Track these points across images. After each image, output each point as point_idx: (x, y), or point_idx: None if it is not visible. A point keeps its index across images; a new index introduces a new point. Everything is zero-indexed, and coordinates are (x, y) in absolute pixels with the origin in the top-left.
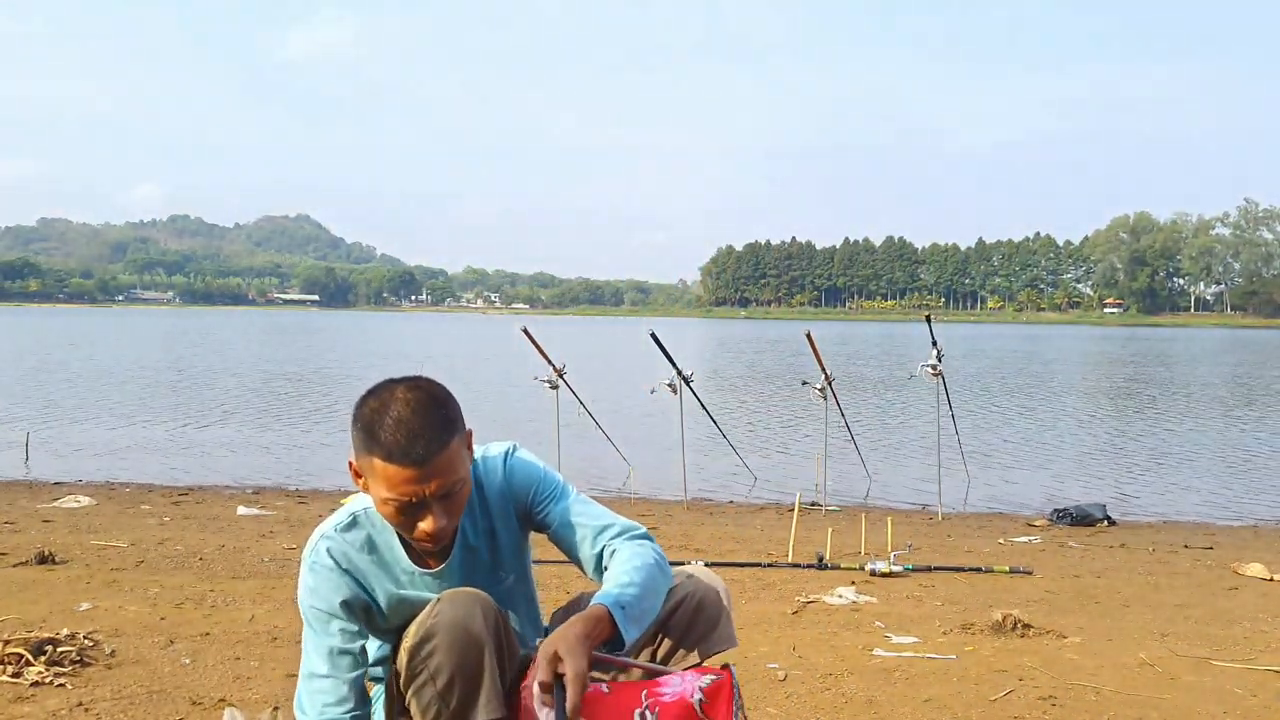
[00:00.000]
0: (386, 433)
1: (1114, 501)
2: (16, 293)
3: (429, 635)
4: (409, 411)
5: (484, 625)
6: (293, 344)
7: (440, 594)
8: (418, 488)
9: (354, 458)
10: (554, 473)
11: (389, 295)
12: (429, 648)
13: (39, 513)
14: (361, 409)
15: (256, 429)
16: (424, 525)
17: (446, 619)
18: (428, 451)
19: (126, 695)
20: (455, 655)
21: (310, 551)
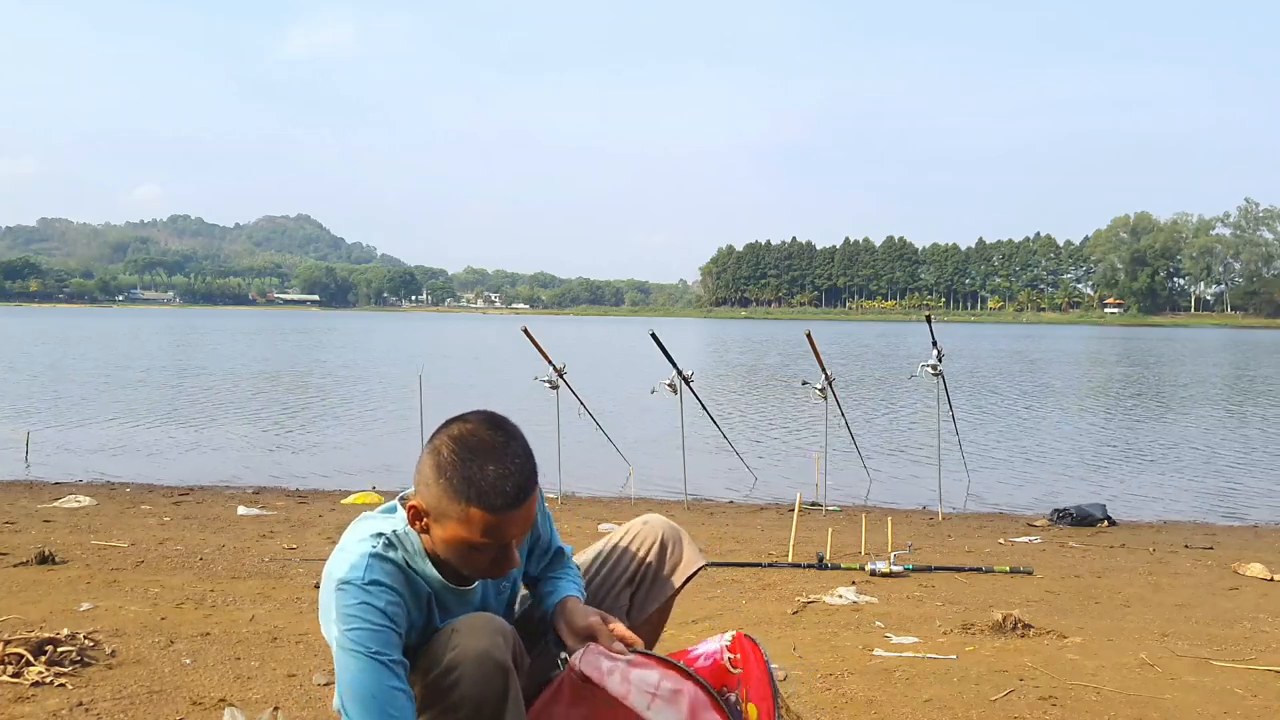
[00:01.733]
0: (488, 482)
1: (1114, 501)
2: (17, 293)
3: (452, 666)
4: (509, 461)
5: (506, 654)
6: (293, 345)
7: (456, 623)
8: (510, 530)
9: (425, 501)
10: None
11: (389, 295)
12: (452, 678)
13: (39, 513)
14: (445, 454)
15: (257, 429)
16: (507, 565)
17: (471, 650)
18: (528, 494)
19: (127, 695)
20: (479, 687)
21: (364, 570)
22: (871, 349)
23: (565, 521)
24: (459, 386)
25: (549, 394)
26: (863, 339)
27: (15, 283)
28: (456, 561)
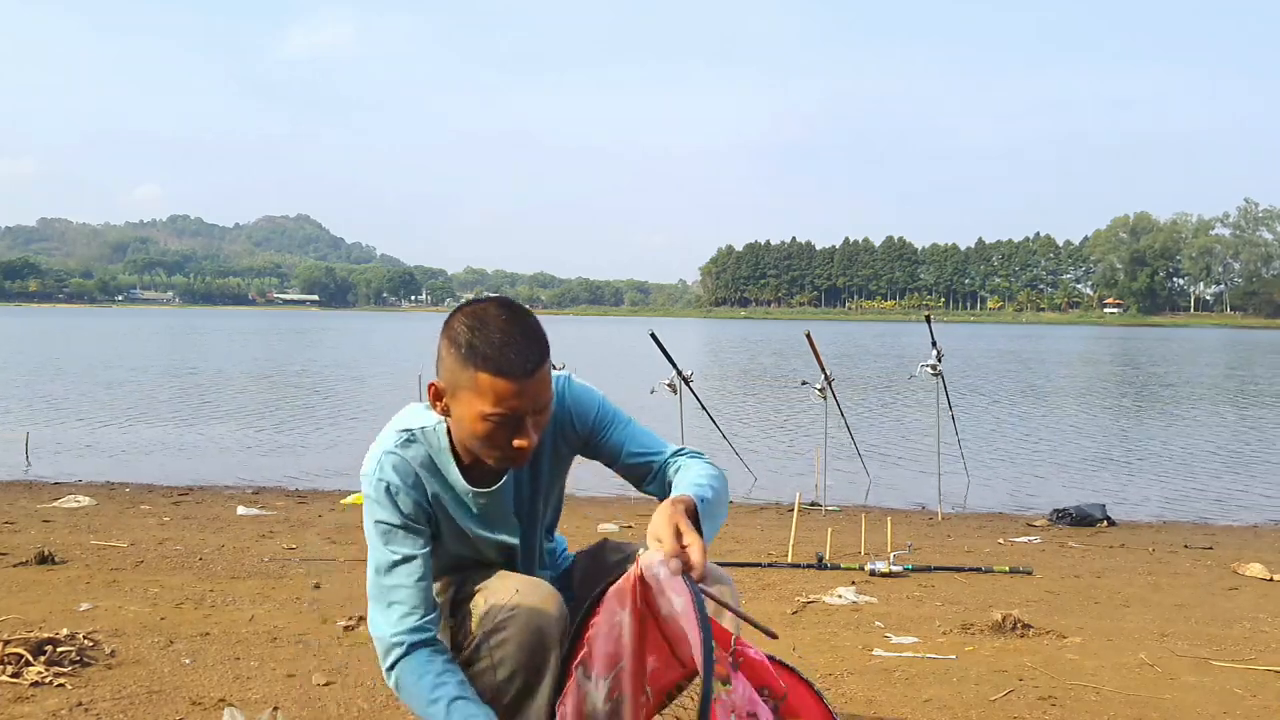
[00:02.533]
0: (493, 348)
1: (1114, 501)
2: (16, 293)
3: (502, 625)
4: (513, 327)
5: (556, 629)
6: (292, 345)
7: (521, 583)
8: (520, 402)
9: (441, 378)
10: (609, 400)
11: (389, 295)
12: (500, 638)
13: (39, 513)
14: (457, 327)
15: (256, 429)
16: (520, 441)
17: (523, 616)
18: (534, 365)
19: (126, 695)
20: (524, 654)
21: (374, 468)
22: (871, 349)
23: (565, 521)
24: None
25: None
26: (862, 339)
27: (15, 283)
28: (473, 442)
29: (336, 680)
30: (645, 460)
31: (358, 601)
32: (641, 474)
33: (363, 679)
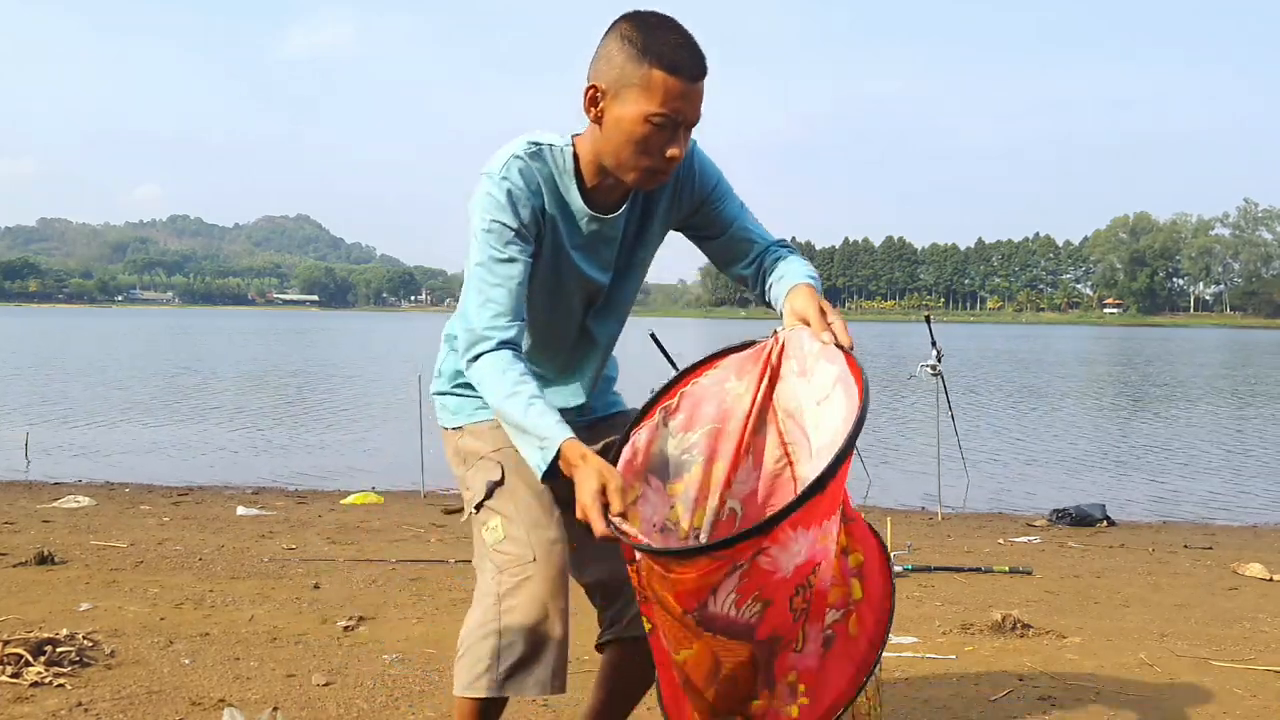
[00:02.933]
0: (669, 47)
1: (1113, 501)
2: (16, 293)
3: (515, 590)
4: (685, 33)
5: (563, 608)
6: (291, 345)
7: (538, 542)
8: (685, 105)
9: (604, 78)
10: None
11: (389, 296)
12: (510, 604)
13: (38, 513)
14: (630, 27)
15: (256, 429)
16: (673, 150)
17: (536, 586)
18: (702, 72)
19: (126, 696)
20: (529, 631)
21: (500, 168)
22: (871, 349)
23: None
24: None
25: None
26: (862, 339)
27: (14, 283)
28: (626, 149)
29: (336, 680)
30: (751, 240)
31: (357, 601)
32: (743, 253)
33: (362, 679)
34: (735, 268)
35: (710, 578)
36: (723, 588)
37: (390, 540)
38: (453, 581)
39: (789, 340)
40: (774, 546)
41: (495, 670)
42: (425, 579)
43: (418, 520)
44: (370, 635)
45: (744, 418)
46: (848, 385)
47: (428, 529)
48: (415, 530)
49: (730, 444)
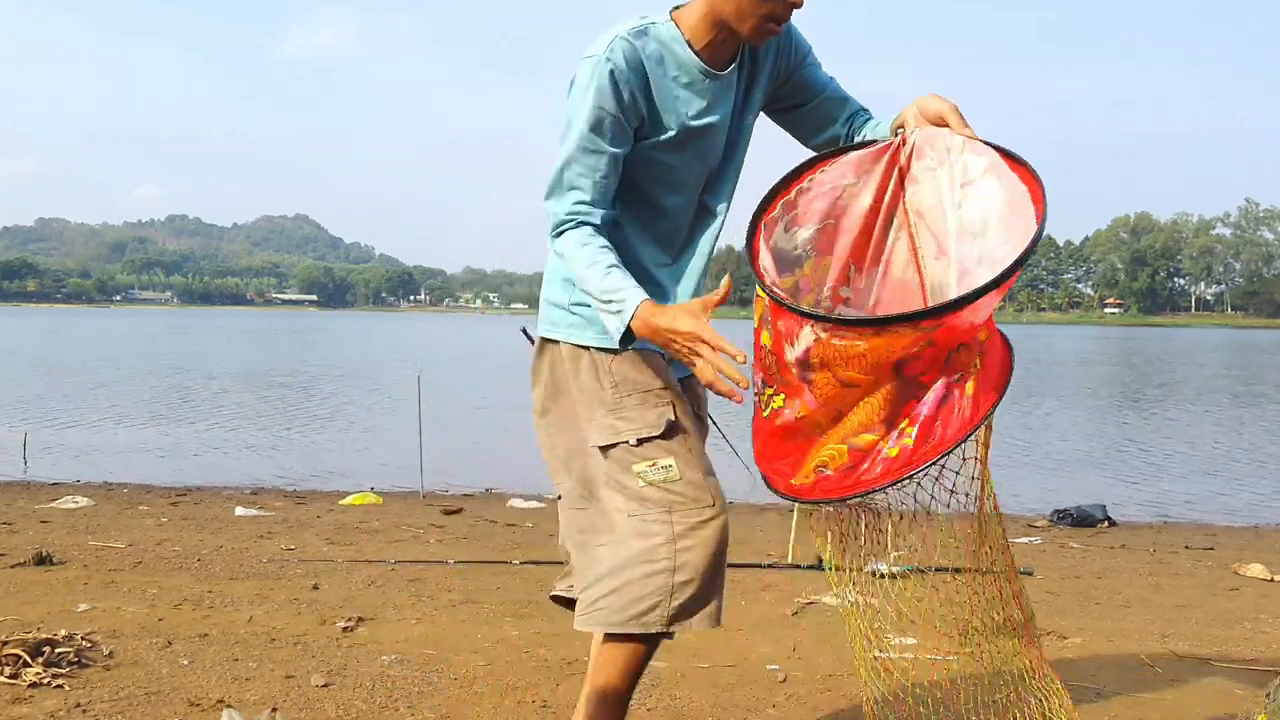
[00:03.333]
0: None
1: (1114, 502)
2: (14, 293)
3: (688, 532)
4: None
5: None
6: (290, 345)
7: (714, 489)
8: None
9: None
10: None
11: (388, 295)
12: (685, 544)
13: (37, 513)
14: None
15: (255, 429)
16: (782, 14)
17: (711, 535)
18: None
19: (124, 696)
20: (706, 577)
21: (604, 50)
22: None
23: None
24: (458, 387)
25: None
26: None
27: (13, 283)
28: (736, 12)
29: (335, 681)
30: (845, 99)
31: (356, 602)
32: (836, 114)
33: (361, 680)
34: (828, 130)
35: (896, 343)
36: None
37: (389, 541)
38: (452, 582)
39: (922, 138)
40: (963, 313)
41: (667, 605)
42: (424, 580)
43: (417, 521)
44: (369, 636)
45: (862, 216)
46: (1001, 172)
47: (427, 530)
48: (414, 531)
49: (846, 240)
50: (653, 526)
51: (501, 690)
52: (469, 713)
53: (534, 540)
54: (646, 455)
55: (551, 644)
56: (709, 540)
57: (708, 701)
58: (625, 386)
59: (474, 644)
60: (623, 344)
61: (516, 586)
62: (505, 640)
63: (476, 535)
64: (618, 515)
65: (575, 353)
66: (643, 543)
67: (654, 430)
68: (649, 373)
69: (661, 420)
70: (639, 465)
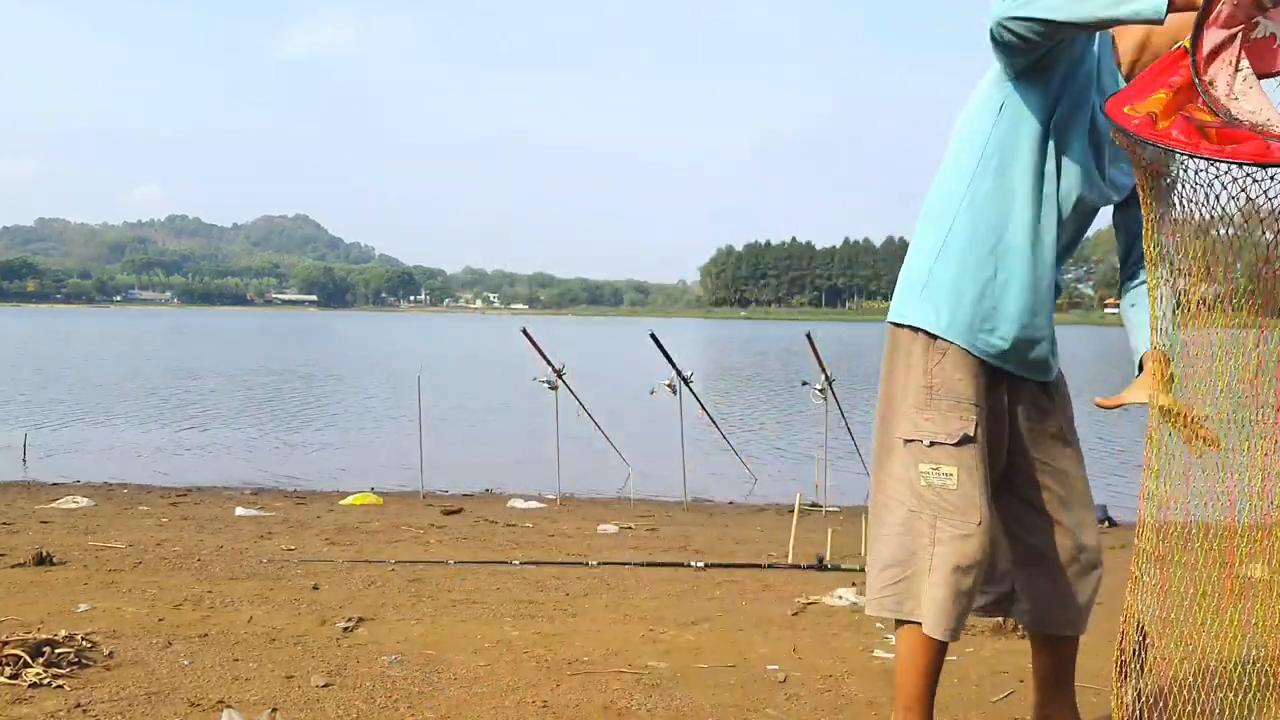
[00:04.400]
0: None
1: (1114, 502)
2: (14, 293)
3: (949, 540)
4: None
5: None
6: (290, 346)
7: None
8: None
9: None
10: None
11: (388, 295)
12: (945, 550)
13: (37, 513)
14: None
15: (255, 430)
16: None
17: (976, 549)
18: None
19: (125, 697)
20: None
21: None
22: (872, 350)
23: (564, 522)
24: (458, 387)
25: (548, 395)
26: (863, 339)
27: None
28: (1164, 45)
29: (335, 682)
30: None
31: (356, 602)
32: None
33: (361, 680)
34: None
35: None
36: None
37: (389, 541)
38: (452, 583)
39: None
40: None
41: (917, 602)
42: (424, 580)
43: (417, 521)
44: (369, 636)
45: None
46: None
47: (427, 530)
48: (414, 531)
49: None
50: (921, 526)
51: (501, 690)
52: (469, 713)
53: (534, 540)
54: (934, 458)
55: (551, 644)
56: (966, 555)
57: (708, 701)
58: (941, 391)
59: (474, 644)
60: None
61: (516, 586)
62: (505, 640)
63: (476, 535)
64: (897, 506)
65: (907, 335)
66: (910, 540)
67: (949, 439)
68: (966, 385)
69: (959, 432)
70: (924, 465)
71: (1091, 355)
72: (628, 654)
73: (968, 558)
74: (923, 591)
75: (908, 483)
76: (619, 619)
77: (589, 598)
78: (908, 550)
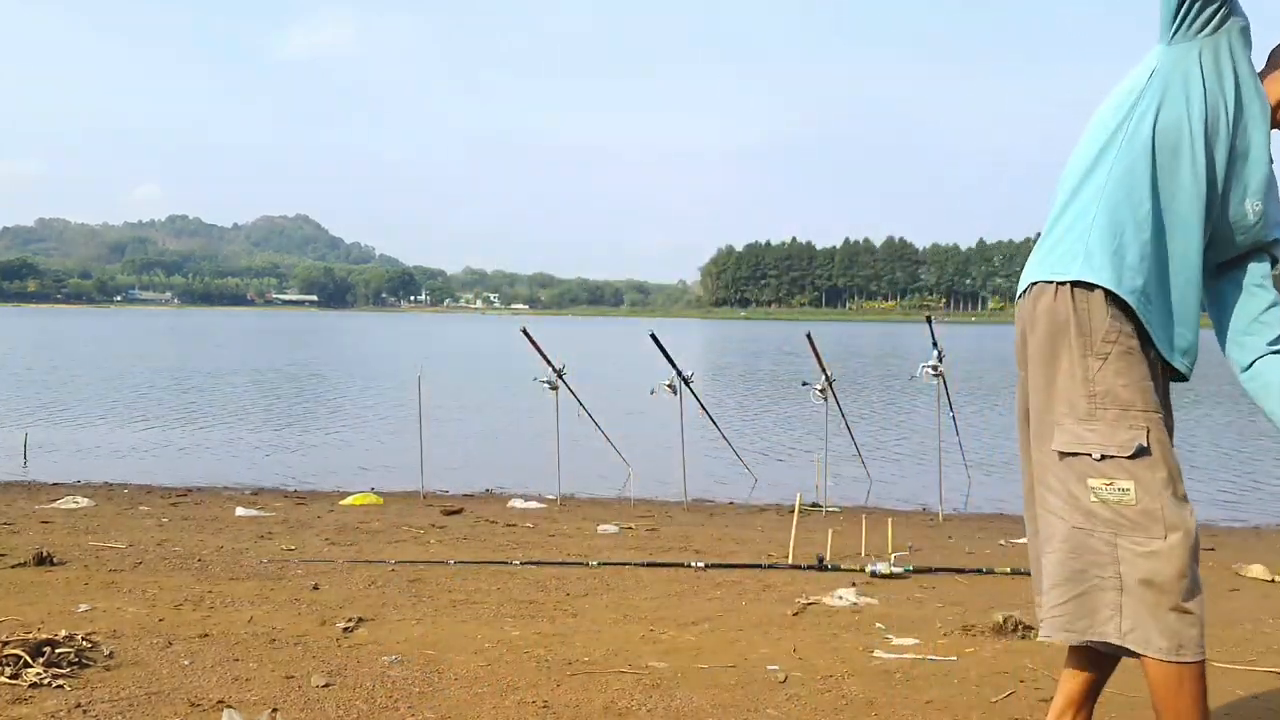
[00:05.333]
0: None
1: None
2: (14, 293)
3: (1134, 558)
4: None
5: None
6: (290, 346)
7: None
8: None
9: None
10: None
11: (388, 296)
12: (1129, 568)
13: (37, 513)
14: None
15: (255, 430)
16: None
17: (1160, 563)
18: None
19: (125, 697)
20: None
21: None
22: (872, 350)
23: (565, 522)
24: (458, 387)
25: (548, 395)
26: (863, 340)
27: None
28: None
29: (335, 682)
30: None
31: (357, 603)
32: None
33: (361, 681)
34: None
35: None
36: None
37: (389, 541)
38: (452, 583)
39: None
40: None
41: (1119, 620)
42: (425, 580)
43: (417, 521)
44: (369, 636)
45: None
46: None
47: (427, 530)
48: (414, 531)
49: None
50: (1098, 544)
51: (501, 690)
52: (469, 713)
53: (534, 540)
54: (1106, 473)
55: (551, 644)
56: (1153, 570)
57: (708, 701)
58: (1104, 400)
59: (474, 644)
60: None
61: (516, 586)
62: (505, 640)
63: (476, 535)
64: (1059, 523)
65: (1077, 323)
66: (1089, 557)
67: (1121, 451)
68: (1134, 390)
69: (1132, 443)
70: (1095, 480)
71: None
72: (628, 654)
73: (1161, 572)
74: (1119, 608)
75: (1072, 499)
76: (619, 619)
77: (589, 598)
78: (1091, 569)
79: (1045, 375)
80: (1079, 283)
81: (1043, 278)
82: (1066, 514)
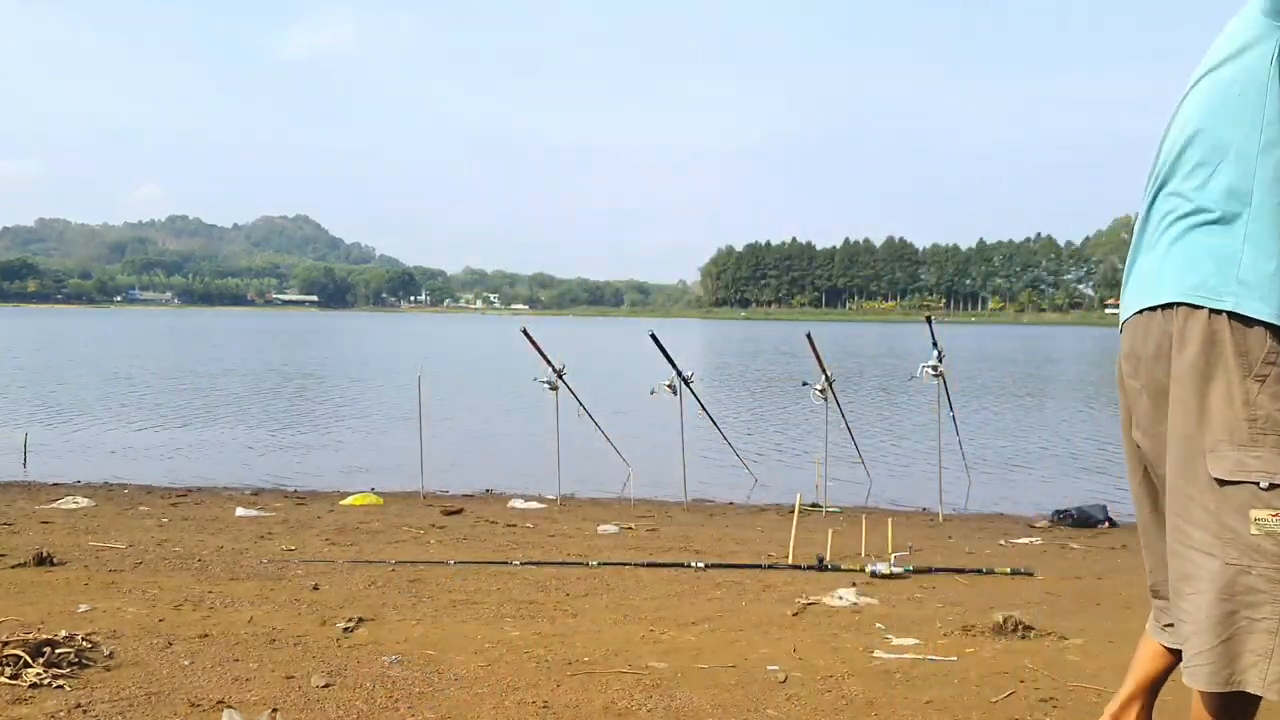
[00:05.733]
0: None
1: (1115, 503)
2: (14, 293)
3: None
4: None
5: None
6: (291, 346)
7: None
8: None
9: None
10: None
11: (388, 296)
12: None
13: (37, 514)
14: None
15: (255, 430)
16: None
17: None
18: None
19: (125, 697)
20: None
21: None
22: (872, 350)
23: (565, 523)
24: (458, 388)
25: (548, 395)
26: (863, 340)
27: (13, 283)
28: None
29: (335, 682)
30: None
31: (357, 603)
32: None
33: (361, 681)
34: None
35: None
36: None
37: (389, 542)
38: (452, 583)
39: None
40: None
41: (1266, 667)
42: (424, 580)
43: (417, 521)
44: (369, 637)
45: None
46: None
47: (427, 530)
48: (414, 532)
49: None
50: (1258, 581)
51: (501, 690)
52: (469, 713)
53: (534, 540)
54: (1272, 504)
55: (551, 644)
56: None
57: (708, 701)
58: (1266, 424)
59: (474, 644)
60: None
61: (517, 587)
62: (505, 640)
63: (476, 535)
64: (1207, 560)
65: (1234, 344)
66: (1242, 597)
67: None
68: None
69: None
70: (1260, 512)
71: (1100, 353)
72: (628, 654)
73: None
74: (1269, 653)
75: (1228, 532)
76: (619, 619)
77: (589, 598)
78: (1243, 609)
79: (1195, 398)
80: (1235, 314)
81: (1188, 300)
82: (1218, 550)
